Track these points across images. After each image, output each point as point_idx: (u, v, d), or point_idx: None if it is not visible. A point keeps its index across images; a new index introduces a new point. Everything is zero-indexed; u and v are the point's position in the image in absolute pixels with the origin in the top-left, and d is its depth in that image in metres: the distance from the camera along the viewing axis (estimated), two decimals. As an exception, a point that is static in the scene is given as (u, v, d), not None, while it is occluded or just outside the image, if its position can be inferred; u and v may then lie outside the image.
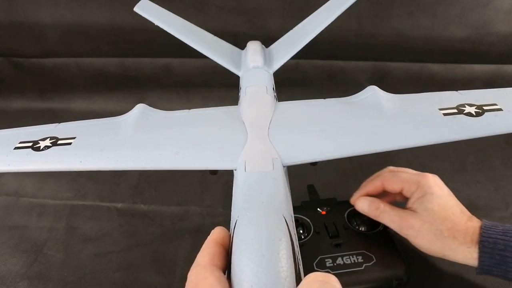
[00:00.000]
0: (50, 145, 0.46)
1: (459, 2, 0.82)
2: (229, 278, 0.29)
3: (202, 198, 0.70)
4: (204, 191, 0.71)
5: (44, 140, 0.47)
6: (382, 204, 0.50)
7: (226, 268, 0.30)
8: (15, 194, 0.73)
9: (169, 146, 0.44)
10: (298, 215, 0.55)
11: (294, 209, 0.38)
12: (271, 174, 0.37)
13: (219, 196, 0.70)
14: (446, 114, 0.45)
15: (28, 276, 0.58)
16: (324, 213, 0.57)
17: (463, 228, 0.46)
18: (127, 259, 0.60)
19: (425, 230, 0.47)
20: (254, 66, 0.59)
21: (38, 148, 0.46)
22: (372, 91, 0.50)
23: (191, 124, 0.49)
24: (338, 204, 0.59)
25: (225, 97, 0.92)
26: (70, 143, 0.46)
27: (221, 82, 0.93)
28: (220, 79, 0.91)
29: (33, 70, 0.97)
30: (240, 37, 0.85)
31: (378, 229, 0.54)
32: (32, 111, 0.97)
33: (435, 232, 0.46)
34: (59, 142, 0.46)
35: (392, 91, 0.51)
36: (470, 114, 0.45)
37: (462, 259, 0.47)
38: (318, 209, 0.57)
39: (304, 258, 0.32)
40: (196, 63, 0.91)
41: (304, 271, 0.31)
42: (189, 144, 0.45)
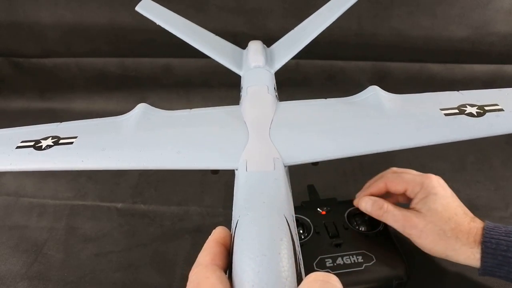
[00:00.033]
0: (52, 144, 0.46)
1: (459, 2, 0.82)
2: (230, 278, 0.29)
3: (202, 198, 0.70)
4: (204, 191, 0.71)
5: (46, 139, 0.47)
6: (385, 203, 0.50)
7: (227, 268, 0.30)
8: (15, 194, 0.73)
9: (170, 145, 0.44)
10: (298, 215, 0.55)
11: (294, 209, 0.38)
12: (272, 174, 0.37)
13: (219, 196, 0.70)
14: (447, 115, 0.45)
15: (28, 276, 0.58)
16: (324, 213, 0.57)
17: (466, 228, 0.47)
18: (127, 259, 0.60)
19: (428, 230, 0.47)
20: (256, 66, 0.59)
21: (40, 148, 0.46)
22: (374, 91, 0.50)
23: (193, 123, 0.49)
24: (338, 204, 0.59)
25: (225, 97, 0.92)
26: (71, 143, 0.46)
27: (221, 82, 0.93)
28: (220, 79, 0.91)
29: (33, 70, 0.96)
30: (240, 37, 0.84)
31: (378, 229, 0.54)
32: (32, 111, 0.97)
33: (438, 232, 0.46)
34: (61, 141, 0.46)
35: (392, 91, 0.51)
36: (471, 115, 0.45)
37: (464, 260, 0.47)
38: (318, 209, 0.57)
39: (304, 258, 0.32)
40: (196, 63, 0.91)
41: (304, 271, 0.31)
42: (190, 143, 0.45)
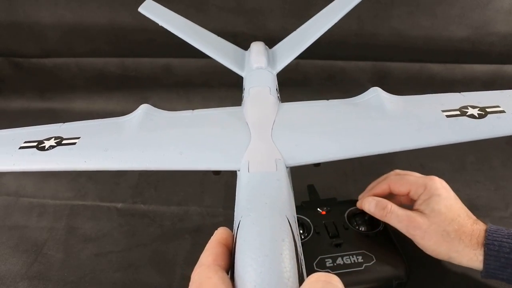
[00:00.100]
0: (55, 145, 0.46)
1: (459, 2, 0.82)
2: (232, 278, 0.29)
3: (202, 198, 0.70)
4: (204, 191, 0.71)
5: (48, 140, 0.47)
6: (389, 204, 0.50)
7: (230, 268, 0.30)
8: (15, 194, 0.73)
9: (173, 146, 0.44)
10: (298, 215, 0.55)
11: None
12: (275, 175, 0.37)
13: (219, 196, 0.70)
14: (449, 116, 0.45)
15: (28, 276, 0.58)
16: (324, 213, 0.57)
17: (469, 230, 0.47)
18: (127, 259, 0.60)
19: (432, 231, 0.47)
20: (258, 67, 0.59)
21: (43, 148, 0.46)
22: (375, 93, 0.50)
23: (195, 124, 0.49)
24: (338, 204, 0.59)
25: (225, 97, 0.92)
26: (74, 143, 0.46)
27: (221, 82, 0.93)
28: (220, 79, 0.91)
29: (33, 70, 0.96)
30: (240, 37, 0.85)
31: (378, 229, 0.54)
32: (32, 111, 0.97)
33: (442, 233, 0.46)
34: (64, 142, 0.46)
35: (392, 91, 0.51)
36: (473, 116, 0.45)
37: (467, 262, 0.47)
38: (318, 209, 0.57)
39: (304, 258, 0.32)
40: (196, 63, 0.91)
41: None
42: (192, 144, 0.45)
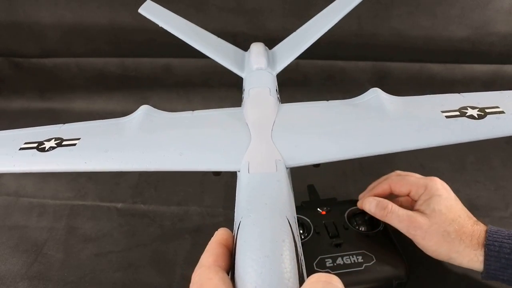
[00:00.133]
0: (55, 146, 0.46)
1: (459, 2, 0.82)
2: (232, 279, 0.29)
3: (202, 198, 0.70)
4: (204, 191, 0.71)
5: (49, 141, 0.47)
6: (390, 204, 0.50)
7: (230, 269, 0.30)
8: (15, 194, 0.73)
9: (173, 147, 0.44)
10: (298, 215, 0.55)
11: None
12: (275, 175, 0.37)
13: (219, 196, 0.70)
14: (448, 117, 0.45)
15: (28, 276, 0.58)
16: (324, 213, 0.57)
17: (469, 230, 0.47)
18: (127, 259, 0.60)
19: (433, 231, 0.47)
20: (258, 68, 0.59)
21: (43, 149, 0.46)
22: (375, 93, 0.50)
23: (195, 125, 0.49)
24: (338, 204, 0.59)
25: (225, 97, 0.92)
26: (74, 144, 0.46)
27: (221, 82, 0.93)
28: (220, 79, 0.91)
29: (33, 70, 0.96)
30: (240, 37, 0.85)
31: (378, 229, 0.54)
32: (32, 111, 0.97)
33: (442, 234, 0.47)
34: (64, 143, 0.46)
35: (392, 91, 0.51)
36: (472, 117, 0.45)
37: (468, 263, 0.47)
38: (318, 209, 0.57)
39: (304, 258, 0.32)
40: (196, 63, 0.91)
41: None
42: (193, 145, 0.45)
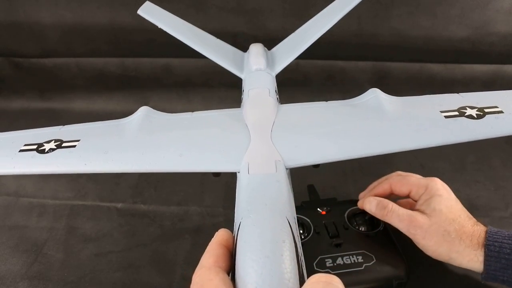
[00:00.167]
0: (55, 147, 0.46)
1: (459, 2, 0.82)
2: (233, 280, 0.29)
3: (202, 198, 0.70)
4: (204, 191, 0.71)
5: (48, 142, 0.47)
6: (390, 203, 0.50)
7: (230, 270, 0.30)
8: (15, 194, 0.73)
9: (172, 148, 0.44)
10: (298, 215, 0.55)
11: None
12: (274, 176, 0.37)
13: (219, 196, 0.70)
14: (447, 117, 0.45)
15: (28, 276, 0.58)
16: (324, 213, 0.57)
17: (469, 230, 0.47)
18: (127, 259, 0.60)
19: (433, 230, 0.47)
20: (257, 69, 0.59)
21: (43, 151, 0.46)
22: (374, 94, 0.50)
23: (195, 126, 0.49)
24: (338, 204, 0.59)
25: (225, 97, 0.92)
26: (74, 146, 0.46)
27: (221, 82, 0.93)
28: (220, 79, 0.91)
29: (33, 70, 0.96)
30: (240, 37, 0.85)
31: (378, 229, 0.54)
32: (32, 111, 0.97)
33: (443, 233, 0.47)
34: (64, 144, 0.47)
35: (392, 91, 0.51)
36: (471, 117, 0.45)
37: (467, 263, 0.47)
38: (318, 209, 0.57)
39: (304, 258, 0.32)
40: (196, 63, 0.91)
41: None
42: (192, 146, 0.45)
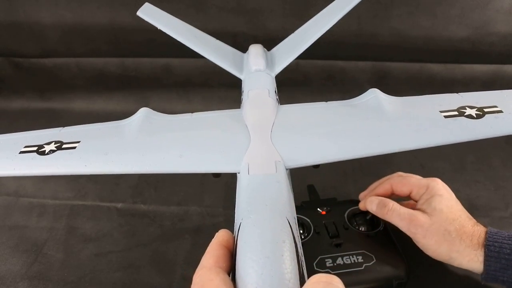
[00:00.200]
0: (55, 149, 0.46)
1: (459, 2, 0.82)
2: (233, 280, 0.29)
3: (202, 198, 0.70)
4: (204, 191, 0.71)
5: (49, 144, 0.47)
6: (391, 202, 0.50)
7: (231, 270, 0.30)
8: (15, 194, 0.73)
9: (172, 149, 0.45)
10: (298, 215, 0.55)
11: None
12: (274, 176, 0.37)
13: (219, 196, 0.70)
14: (447, 117, 0.45)
15: (28, 276, 0.58)
16: (324, 213, 0.57)
17: (470, 230, 0.47)
18: (127, 259, 0.60)
19: (433, 229, 0.47)
20: (256, 69, 0.59)
21: (43, 152, 0.46)
22: (374, 94, 0.50)
23: (194, 127, 0.50)
24: (338, 204, 0.59)
25: (225, 97, 0.92)
26: (74, 147, 0.46)
27: (221, 82, 0.93)
28: (220, 79, 0.91)
29: (33, 70, 0.96)
30: (240, 37, 0.85)
31: (378, 229, 0.54)
32: (32, 111, 0.97)
33: (443, 233, 0.47)
34: (64, 146, 0.47)
35: (392, 91, 0.51)
36: (470, 116, 0.45)
37: (467, 263, 0.47)
38: (318, 209, 0.57)
39: (304, 258, 0.32)
40: (196, 63, 0.91)
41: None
42: (192, 147, 0.45)
